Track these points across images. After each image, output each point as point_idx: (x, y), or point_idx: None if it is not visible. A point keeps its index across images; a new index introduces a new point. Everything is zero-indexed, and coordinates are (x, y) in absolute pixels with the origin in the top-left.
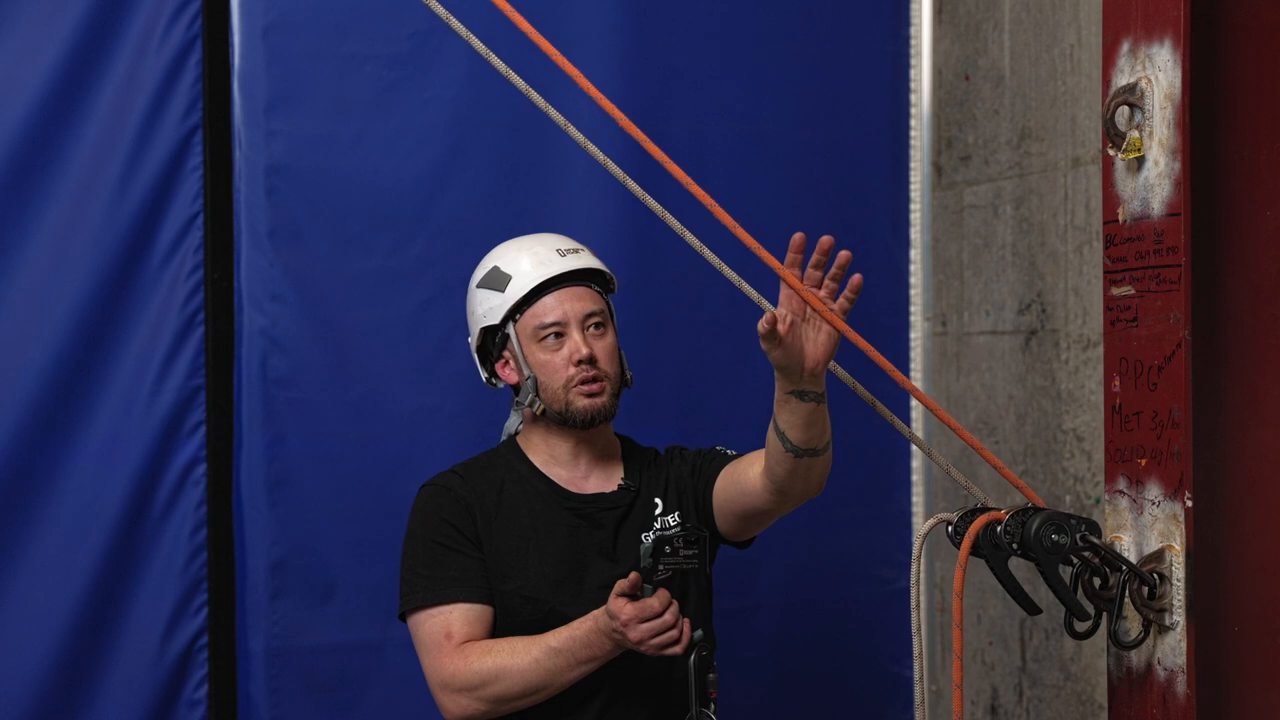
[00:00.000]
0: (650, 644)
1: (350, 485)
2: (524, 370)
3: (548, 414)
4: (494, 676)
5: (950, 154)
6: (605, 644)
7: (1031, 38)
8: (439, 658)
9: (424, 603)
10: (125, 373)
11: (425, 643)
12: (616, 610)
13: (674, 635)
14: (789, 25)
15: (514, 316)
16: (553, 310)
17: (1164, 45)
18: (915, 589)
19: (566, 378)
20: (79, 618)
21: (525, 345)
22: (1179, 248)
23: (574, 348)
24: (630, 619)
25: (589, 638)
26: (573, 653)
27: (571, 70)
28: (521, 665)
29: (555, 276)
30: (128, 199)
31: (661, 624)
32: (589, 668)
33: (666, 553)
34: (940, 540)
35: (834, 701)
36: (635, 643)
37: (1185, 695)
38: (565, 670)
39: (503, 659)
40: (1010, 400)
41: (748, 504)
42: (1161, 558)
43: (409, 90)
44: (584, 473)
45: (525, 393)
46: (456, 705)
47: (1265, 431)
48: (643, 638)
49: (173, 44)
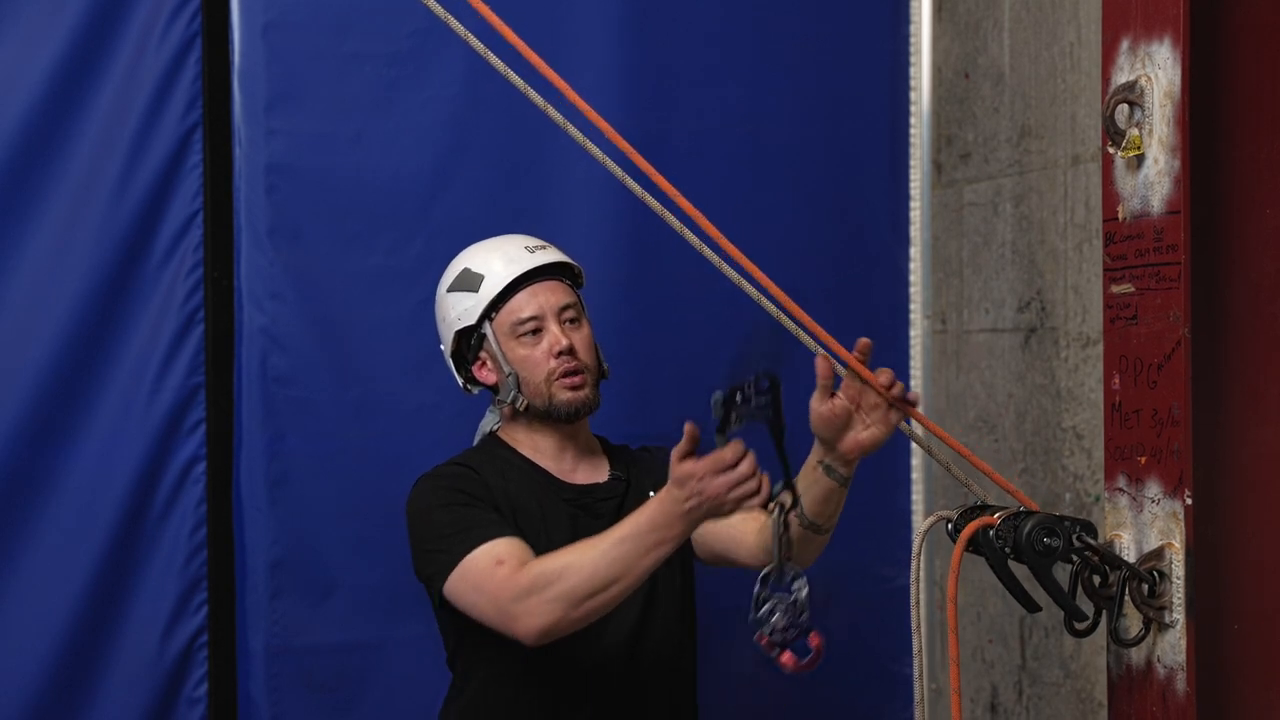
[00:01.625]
0: (730, 497)
1: (350, 484)
2: (504, 368)
3: (531, 409)
4: (560, 573)
5: (950, 152)
6: (676, 523)
7: (1031, 35)
8: (500, 583)
9: (464, 551)
10: (125, 371)
11: (478, 580)
12: (687, 472)
13: (754, 485)
14: (788, 23)
15: (489, 316)
16: (528, 305)
17: (1164, 43)
18: (915, 587)
19: (548, 371)
20: (79, 616)
21: (503, 343)
22: (1179, 245)
23: (553, 340)
24: (705, 473)
25: (656, 520)
26: (640, 538)
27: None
28: (590, 558)
29: (527, 272)
30: (127, 197)
31: (739, 475)
32: (661, 552)
33: (738, 402)
34: (940, 538)
35: (833, 699)
36: (713, 499)
37: (1185, 693)
38: (637, 558)
39: (568, 556)
40: (1010, 398)
41: (731, 552)
42: (1161, 555)
43: (409, 89)
44: (571, 466)
45: (507, 390)
46: (530, 615)
47: (1265, 429)
48: (720, 492)
49: (172, 42)
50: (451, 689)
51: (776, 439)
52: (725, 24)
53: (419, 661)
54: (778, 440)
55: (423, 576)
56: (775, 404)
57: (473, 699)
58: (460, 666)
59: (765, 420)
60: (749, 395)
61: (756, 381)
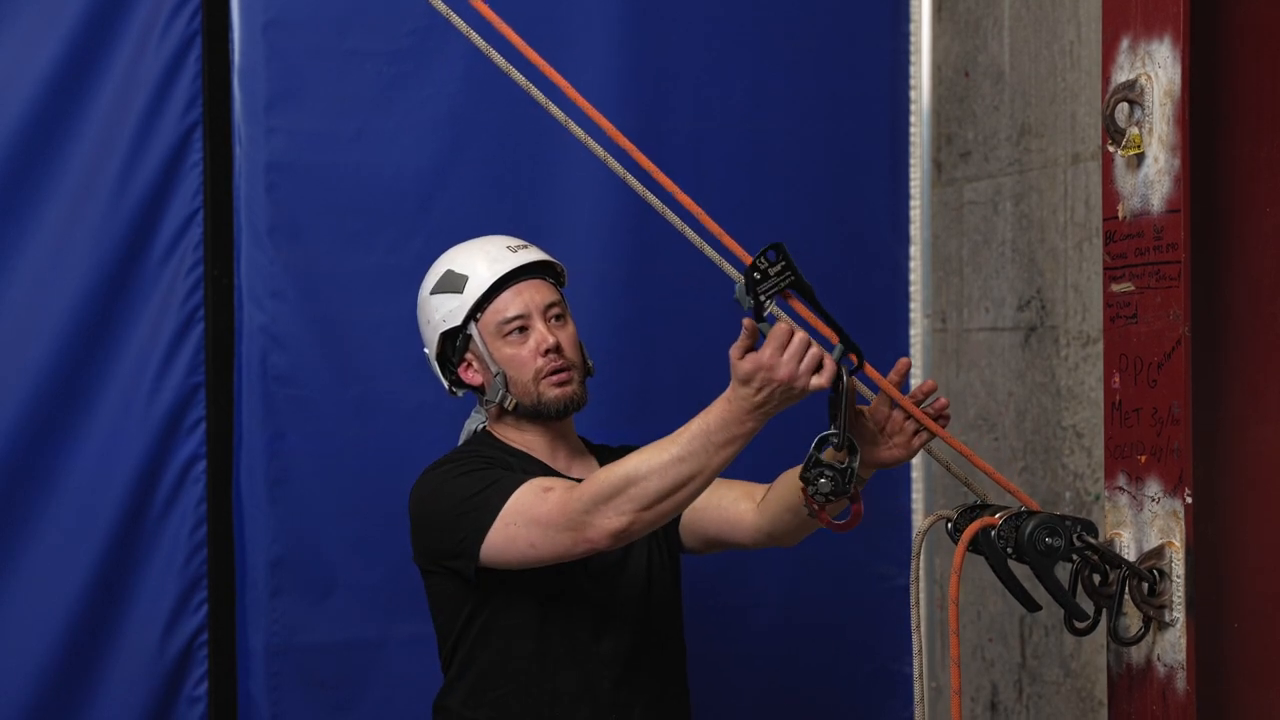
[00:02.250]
0: (803, 372)
1: (350, 482)
2: (491, 368)
3: (520, 408)
4: (630, 478)
5: (950, 150)
6: (748, 419)
7: (1031, 34)
8: (557, 503)
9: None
10: (125, 370)
11: (529, 513)
12: (754, 365)
13: (819, 353)
14: (788, 21)
15: (475, 316)
16: (514, 304)
17: (1164, 41)
18: (915, 586)
19: (535, 369)
20: (79, 615)
21: (490, 342)
22: (1179, 244)
23: (540, 338)
24: (772, 359)
25: (726, 418)
26: (710, 436)
27: (560, 81)
28: (661, 461)
29: (512, 271)
30: (127, 196)
31: (801, 347)
32: (731, 451)
33: (758, 280)
34: (940, 537)
35: (833, 698)
36: (785, 382)
37: (1185, 691)
38: (707, 457)
39: (636, 461)
40: (1010, 397)
41: (726, 534)
42: (1161, 554)
43: (409, 87)
44: (565, 464)
45: (495, 390)
46: (605, 518)
47: (1265, 428)
48: (792, 371)
49: (172, 40)
50: (447, 683)
51: (810, 300)
52: (725, 23)
53: (419, 660)
54: (811, 300)
55: (445, 555)
56: (792, 267)
57: (478, 682)
58: (461, 655)
59: (790, 285)
60: (764, 269)
61: (764, 255)
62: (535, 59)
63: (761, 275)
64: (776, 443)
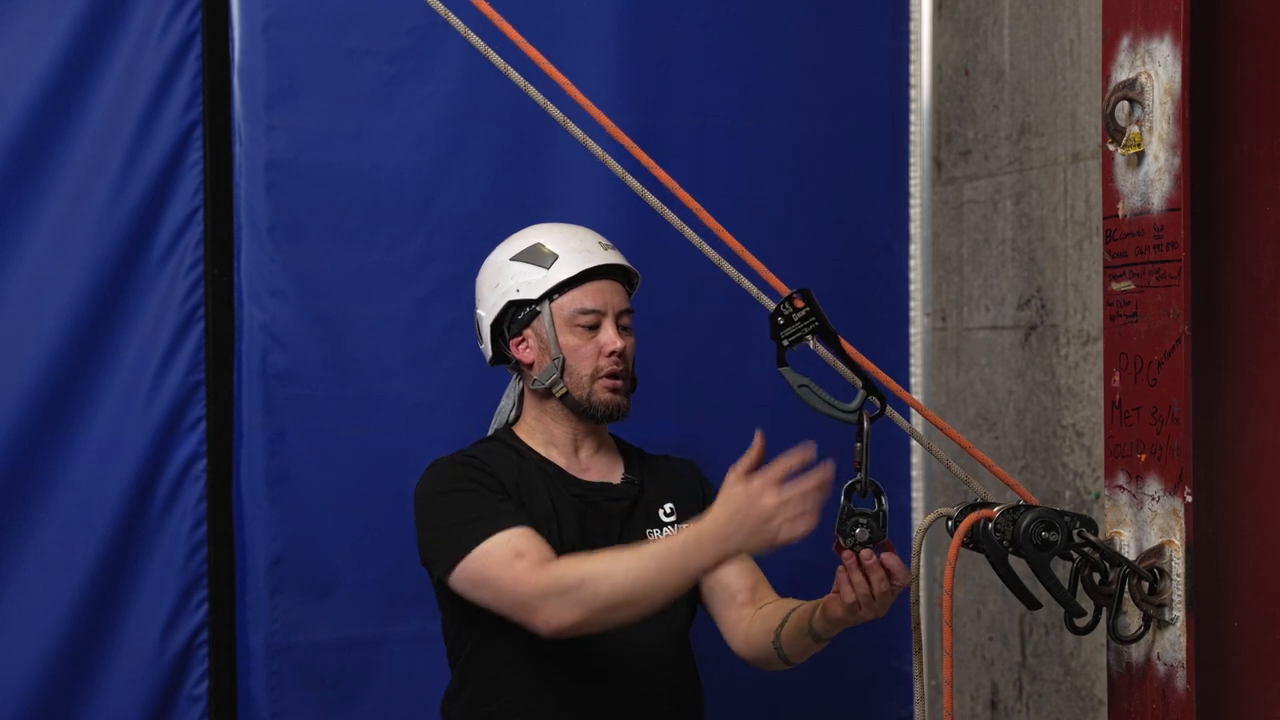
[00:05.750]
0: (776, 520)
1: (351, 481)
2: (552, 350)
3: (566, 399)
4: (585, 580)
5: (950, 149)
6: (705, 547)
7: (1031, 33)
8: (519, 576)
9: (476, 541)
10: (125, 368)
11: (494, 571)
12: (755, 492)
13: (808, 518)
14: (788, 20)
15: (552, 295)
16: (594, 298)
17: (1164, 40)
18: (915, 584)
19: (595, 367)
20: (79, 613)
21: (558, 326)
22: (1179, 243)
23: (609, 339)
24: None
25: (683, 544)
26: (668, 556)
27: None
28: (617, 569)
29: (601, 266)
30: (127, 194)
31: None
32: (685, 579)
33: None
34: (940, 536)
35: (834, 696)
36: (759, 518)
37: (1185, 690)
38: (665, 574)
39: (596, 564)
40: (1010, 395)
41: (715, 616)
42: (1161, 553)
43: (409, 85)
44: (584, 464)
45: (548, 373)
46: (552, 614)
47: (1265, 426)
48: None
49: (172, 39)
50: (451, 685)
51: (833, 345)
52: (725, 22)
53: (419, 658)
54: (834, 345)
55: (426, 562)
56: (816, 310)
57: (476, 694)
58: (462, 662)
59: (813, 331)
60: (788, 314)
61: (789, 300)
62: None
63: (785, 320)
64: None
